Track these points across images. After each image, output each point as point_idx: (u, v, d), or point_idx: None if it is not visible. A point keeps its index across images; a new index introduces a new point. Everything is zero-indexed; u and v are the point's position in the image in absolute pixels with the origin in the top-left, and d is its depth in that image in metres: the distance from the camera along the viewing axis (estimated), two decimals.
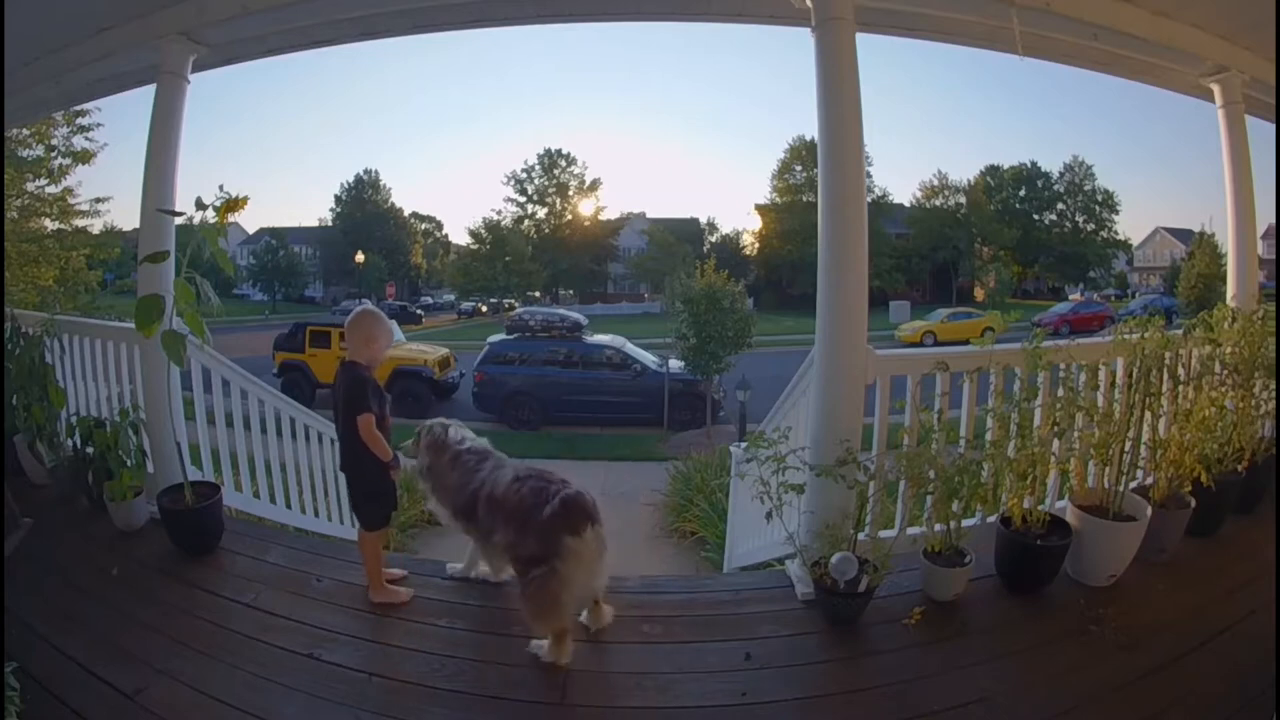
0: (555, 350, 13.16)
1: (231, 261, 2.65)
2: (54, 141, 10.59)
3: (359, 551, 2.40)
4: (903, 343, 21.36)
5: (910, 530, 2.57)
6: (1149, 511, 2.35)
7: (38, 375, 3.13)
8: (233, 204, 2.38)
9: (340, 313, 31.35)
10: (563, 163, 43.37)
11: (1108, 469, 2.44)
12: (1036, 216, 41.56)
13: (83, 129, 10.64)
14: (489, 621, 2.23)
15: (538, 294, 41.41)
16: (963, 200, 40.78)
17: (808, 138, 36.75)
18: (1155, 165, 57.95)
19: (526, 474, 2.07)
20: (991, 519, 2.47)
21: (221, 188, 2.40)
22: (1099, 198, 41.33)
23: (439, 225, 50.27)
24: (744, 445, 3.60)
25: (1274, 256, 28.96)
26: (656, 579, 2.80)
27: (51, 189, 10.92)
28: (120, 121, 10.17)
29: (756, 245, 42.08)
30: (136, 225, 2.89)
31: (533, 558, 1.90)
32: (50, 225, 11.09)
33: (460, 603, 2.34)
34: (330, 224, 44.93)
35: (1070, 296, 36.80)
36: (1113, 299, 34.37)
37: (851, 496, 2.29)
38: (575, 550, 1.87)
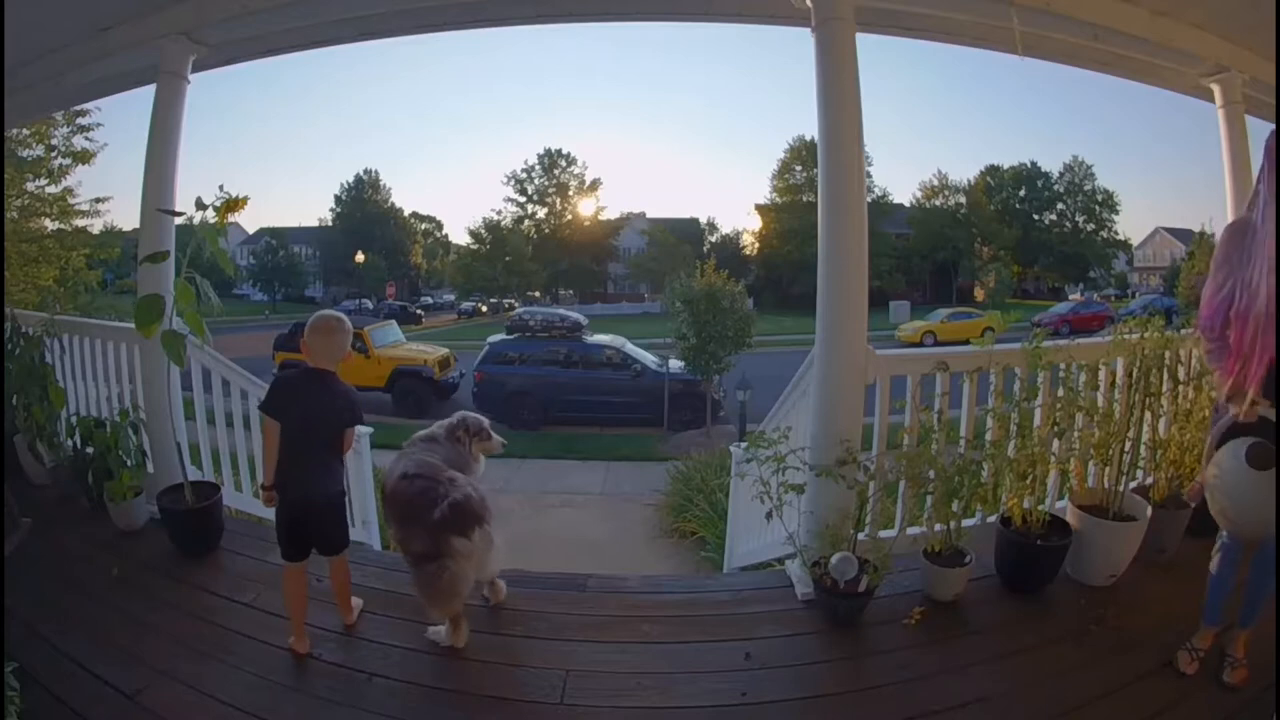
0: (555, 350, 13.14)
1: (231, 261, 2.66)
2: (54, 141, 10.57)
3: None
4: (903, 343, 21.34)
5: (910, 530, 2.57)
6: (1149, 511, 2.35)
7: (38, 375, 3.14)
8: (233, 204, 2.38)
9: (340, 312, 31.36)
10: (563, 163, 43.35)
11: (1108, 469, 2.44)
12: (1036, 216, 41.52)
13: (83, 129, 10.62)
14: (489, 622, 2.23)
15: (538, 294, 41.38)
16: (963, 200, 40.75)
17: (808, 138, 36.73)
18: (1155, 165, 57.89)
19: (415, 471, 2.06)
20: (991, 519, 2.48)
21: (221, 188, 2.40)
22: (1099, 198, 41.31)
23: (439, 225, 50.25)
24: (744, 445, 3.60)
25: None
26: (656, 579, 2.80)
27: (51, 189, 10.89)
28: (120, 121, 10.19)
29: (756, 245, 42.03)
30: (136, 225, 2.89)
31: (423, 554, 1.96)
32: (50, 225, 11.07)
33: None
34: (330, 224, 44.84)
35: (1070, 296, 36.76)
36: (1113, 299, 34.33)
37: (851, 496, 2.30)
38: (464, 551, 1.95)
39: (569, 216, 43.13)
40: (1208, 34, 3.06)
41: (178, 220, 2.74)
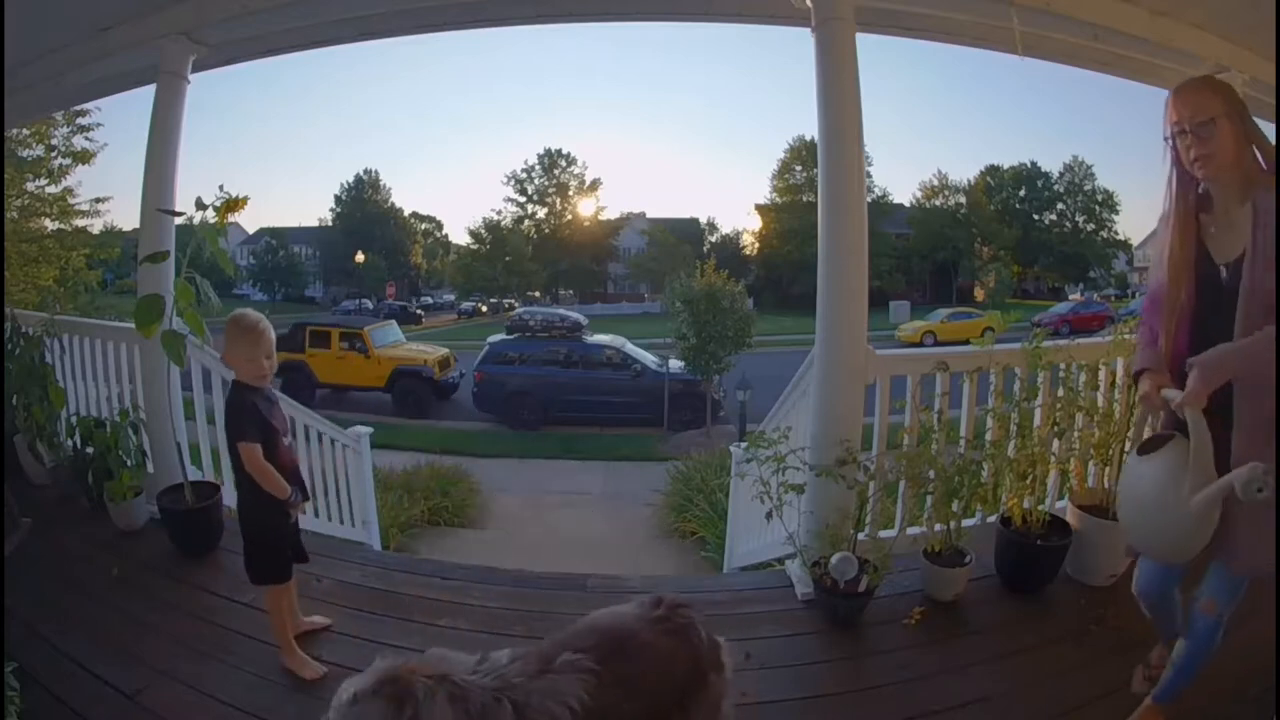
0: (555, 350, 13.15)
1: (231, 261, 2.66)
2: (54, 141, 10.57)
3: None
4: (903, 343, 21.34)
5: (910, 530, 2.57)
6: None
7: (38, 375, 3.13)
8: (233, 204, 2.38)
9: (340, 312, 31.46)
10: (563, 163, 43.33)
11: (1108, 469, 2.44)
12: (1036, 216, 41.49)
13: (83, 129, 10.63)
14: (489, 621, 2.23)
15: (538, 294, 41.38)
16: (963, 200, 40.73)
17: (808, 138, 36.70)
18: (1155, 165, 57.23)
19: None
20: (991, 519, 2.48)
21: (221, 188, 2.40)
22: (1099, 198, 41.26)
23: (439, 225, 50.14)
24: (744, 445, 3.60)
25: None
26: (656, 579, 2.81)
27: (51, 189, 10.91)
28: (120, 121, 10.19)
29: (756, 245, 42.03)
30: (136, 225, 2.89)
31: None
32: (50, 225, 11.08)
33: (460, 603, 2.35)
34: (330, 224, 44.82)
35: (1070, 296, 36.72)
36: (1113, 299, 34.28)
37: (851, 496, 2.30)
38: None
39: (569, 216, 43.11)
40: (1208, 34, 3.06)
41: (178, 220, 2.74)
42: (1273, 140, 1.63)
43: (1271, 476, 1.28)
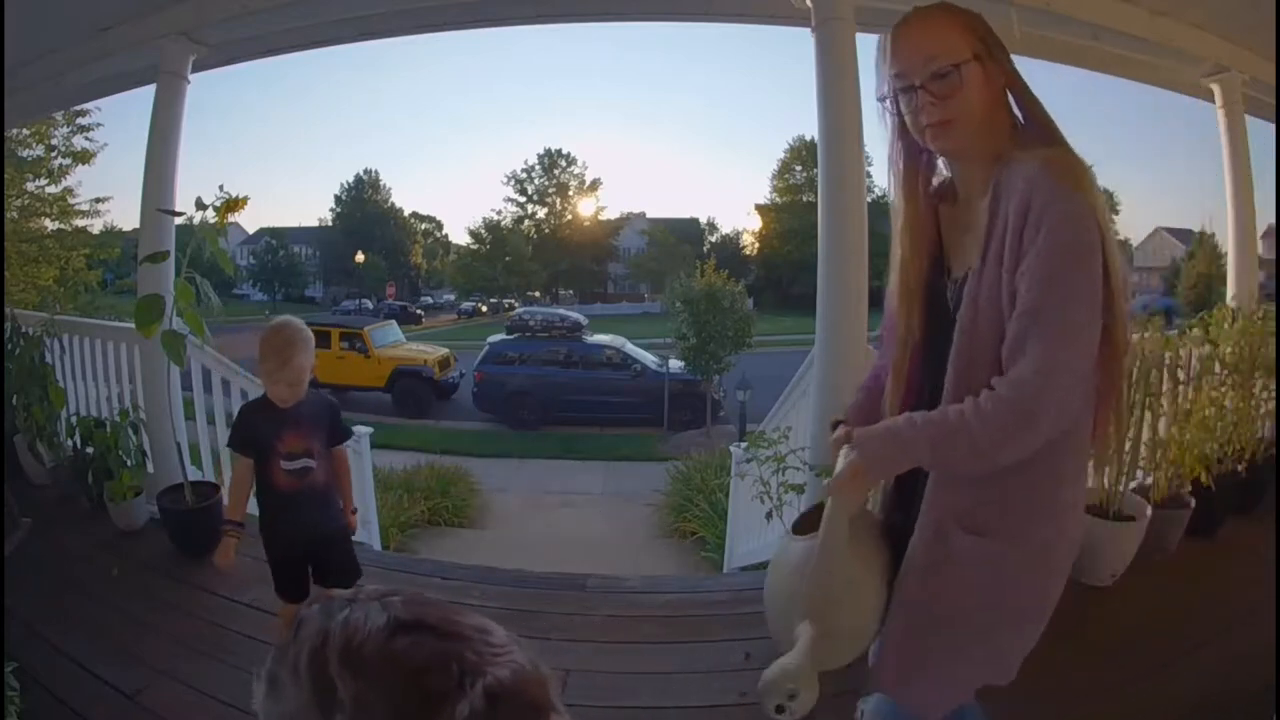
0: (555, 350, 13.17)
1: (231, 261, 2.66)
2: (54, 141, 10.59)
3: None
4: None
5: None
6: (1149, 511, 2.35)
7: (38, 375, 3.14)
8: (232, 204, 2.38)
9: (340, 312, 31.46)
10: (563, 163, 43.35)
11: (1108, 469, 2.44)
12: None
13: (83, 129, 10.64)
14: None
15: (538, 294, 41.40)
16: None
17: (808, 138, 36.69)
18: (1155, 165, 57.70)
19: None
20: None
21: (221, 188, 2.40)
22: None
23: (439, 225, 50.17)
24: (744, 445, 3.60)
25: (1274, 256, 28.92)
26: (656, 579, 2.81)
27: (51, 189, 10.92)
28: (120, 121, 10.22)
29: (756, 245, 42.07)
30: (136, 225, 2.89)
31: None
32: (50, 225, 11.09)
33: (460, 603, 2.32)
34: (330, 224, 44.84)
35: None
36: None
37: None
38: None
39: (569, 216, 43.11)
40: (1208, 34, 3.06)
41: (178, 220, 2.74)
42: (1271, 140, 1.49)
43: (803, 700, 0.87)
